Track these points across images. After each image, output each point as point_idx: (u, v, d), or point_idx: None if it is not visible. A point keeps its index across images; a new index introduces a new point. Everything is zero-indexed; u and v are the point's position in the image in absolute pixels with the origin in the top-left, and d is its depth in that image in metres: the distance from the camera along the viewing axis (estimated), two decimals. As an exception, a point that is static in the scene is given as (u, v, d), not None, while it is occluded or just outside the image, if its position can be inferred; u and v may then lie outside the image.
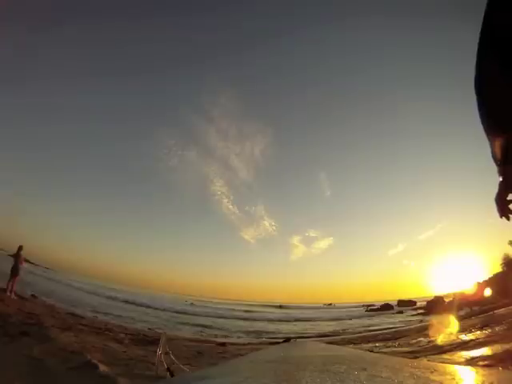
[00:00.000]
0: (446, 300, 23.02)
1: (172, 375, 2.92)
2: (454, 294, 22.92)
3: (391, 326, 16.32)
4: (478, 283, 20.29)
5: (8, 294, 8.82)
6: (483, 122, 0.78)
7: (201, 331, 14.42)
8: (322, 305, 78.15)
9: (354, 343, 9.40)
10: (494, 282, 18.38)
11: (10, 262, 9.72)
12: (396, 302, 37.99)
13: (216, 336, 12.86)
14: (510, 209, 0.96)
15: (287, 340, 9.17)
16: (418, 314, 23.94)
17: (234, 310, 35.86)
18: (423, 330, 9.87)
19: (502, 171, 0.85)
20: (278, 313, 36.39)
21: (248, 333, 15.71)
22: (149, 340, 6.69)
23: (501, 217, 0.98)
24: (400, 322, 19.24)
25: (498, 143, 0.78)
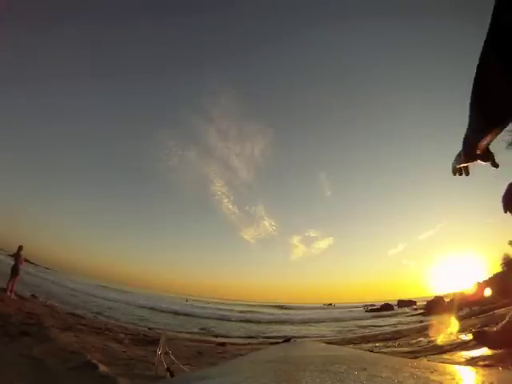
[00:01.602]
0: (446, 300, 23.01)
1: (172, 375, 2.92)
2: (454, 294, 22.90)
3: (391, 326, 16.32)
4: (478, 283, 20.27)
5: (8, 293, 8.82)
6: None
7: (201, 331, 14.41)
8: (322, 305, 78.08)
9: (354, 343, 9.40)
10: (494, 282, 18.38)
11: (10, 262, 9.74)
12: (396, 302, 37.98)
13: (216, 336, 12.85)
14: None
15: (287, 340, 9.17)
16: (418, 314, 23.93)
17: (233, 310, 35.77)
18: (423, 330, 9.86)
19: None
20: (279, 313, 36.15)
21: (248, 334, 15.71)
22: (149, 340, 6.69)
23: (505, 211, 0.95)
24: (400, 322, 19.24)
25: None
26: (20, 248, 9.66)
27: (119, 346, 5.57)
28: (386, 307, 34.64)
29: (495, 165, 0.86)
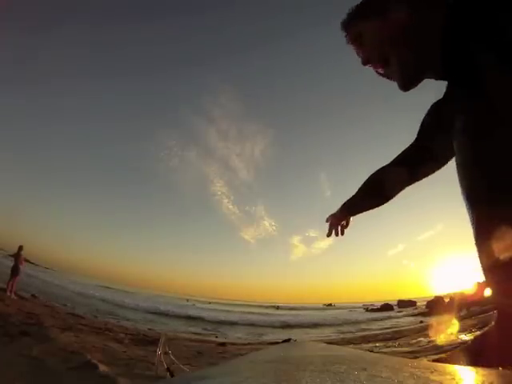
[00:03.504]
0: (446, 300, 23.00)
1: (172, 375, 2.91)
2: (454, 294, 22.89)
3: (391, 326, 16.32)
4: (478, 283, 20.23)
5: (8, 293, 8.83)
6: None
7: (201, 331, 14.41)
8: (321, 305, 77.87)
9: (354, 343, 9.40)
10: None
11: (10, 263, 9.74)
12: (396, 302, 37.96)
13: (216, 336, 12.85)
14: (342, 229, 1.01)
15: (287, 340, 9.16)
16: (418, 314, 23.92)
17: (233, 311, 35.49)
18: (423, 330, 9.86)
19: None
20: (275, 315, 35.21)
21: (248, 333, 15.70)
22: (149, 340, 6.69)
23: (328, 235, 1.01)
24: (400, 322, 19.23)
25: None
26: (20, 248, 9.67)
27: (119, 345, 5.57)
28: (386, 307, 34.65)
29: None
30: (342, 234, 1.02)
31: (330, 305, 77.98)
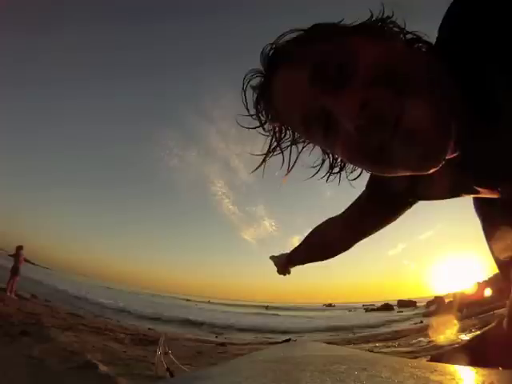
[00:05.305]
0: (446, 300, 23.00)
1: (172, 375, 2.91)
2: (454, 294, 22.89)
3: (391, 326, 16.32)
4: (478, 283, 20.24)
5: (8, 294, 8.82)
6: None
7: (201, 331, 14.40)
8: (322, 305, 77.56)
9: (354, 343, 9.40)
10: (494, 282, 18.34)
11: (10, 262, 9.75)
12: (396, 302, 37.95)
13: (216, 336, 12.85)
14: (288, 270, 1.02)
15: (287, 340, 9.16)
16: (418, 314, 23.92)
17: (228, 312, 34.96)
18: (423, 330, 9.86)
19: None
20: (264, 315, 32.15)
21: (248, 333, 15.68)
22: (149, 340, 6.68)
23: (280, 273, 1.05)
24: (400, 322, 19.23)
25: None
26: (20, 248, 9.67)
27: (119, 345, 5.57)
28: (386, 307, 34.64)
29: None
30: (289, 273, 1.07)
31: (331, 305, 77.80)
